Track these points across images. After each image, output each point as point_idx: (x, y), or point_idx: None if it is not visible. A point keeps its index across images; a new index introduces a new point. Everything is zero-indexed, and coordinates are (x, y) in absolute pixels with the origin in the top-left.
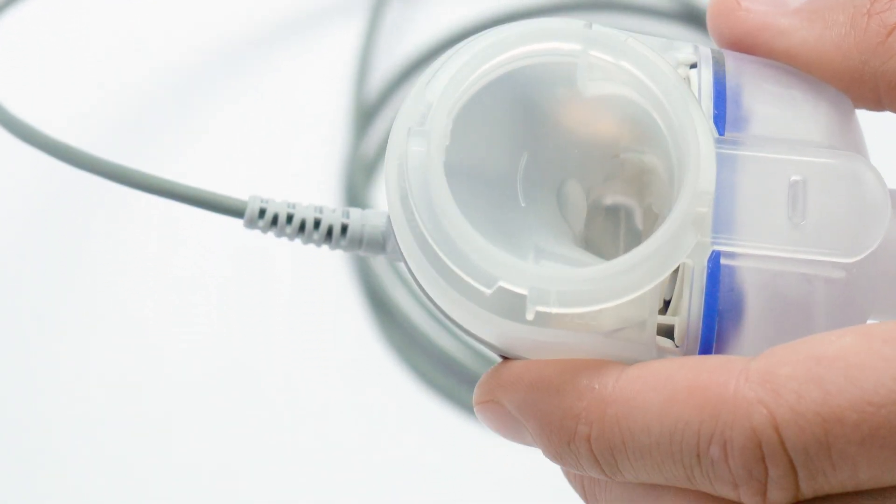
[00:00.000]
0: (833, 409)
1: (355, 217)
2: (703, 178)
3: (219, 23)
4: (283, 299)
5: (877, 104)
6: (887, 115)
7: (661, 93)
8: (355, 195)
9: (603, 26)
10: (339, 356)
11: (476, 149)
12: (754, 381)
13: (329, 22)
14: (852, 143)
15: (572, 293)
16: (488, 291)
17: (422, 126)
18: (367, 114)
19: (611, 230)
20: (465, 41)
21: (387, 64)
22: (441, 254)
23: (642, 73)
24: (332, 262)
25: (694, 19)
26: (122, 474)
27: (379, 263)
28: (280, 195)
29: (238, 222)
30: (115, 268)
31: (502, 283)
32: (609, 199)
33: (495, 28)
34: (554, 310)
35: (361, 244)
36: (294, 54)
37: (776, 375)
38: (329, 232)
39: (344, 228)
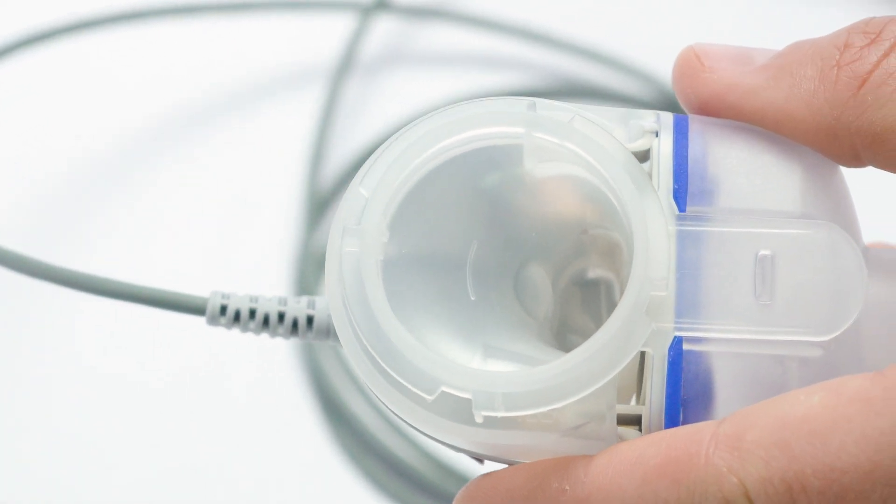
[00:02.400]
0: (798, 476)
1: (321, 307)
2: (655, 263)
3: (162, 109)
4: (232, 404)
5: (857, 161)
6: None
7: (607, 174)
8: (307, 289)
9: (551, 103)
10: (291, 461)
11: (424, 239)
12: (723, 449)
13: (281, 107)
14: (831, 208)
15: (520, 395)
16: (430, 398)
17: (357, 224)
18: (320, 203)
19: (591, 306)
20: (402, 130)
21: (342, 151)
22: (379, 358)
23: (587, 154)
24: (284, 365)
25: (675, 108)
26: None
27: (331, 366)
28: (229, 288)
29: (189, 321)
30: (49, 370)
31: (445, 388)
32: (590, 273)
33: (434, 113)
34: (501, 413)
35: (329, 334)
36: (244, 142)
37: (744, 441)
38: (294, 324)
39: (310, 320)
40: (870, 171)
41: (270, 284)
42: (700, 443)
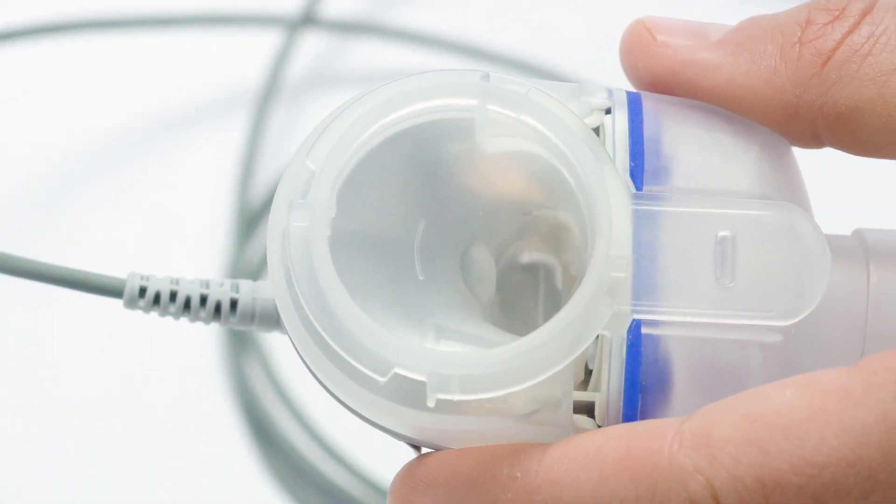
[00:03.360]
0: (773, 473)
1: (245, 290)
2: (617, 243)
3: (92, 124)
4: (153, 425)
5: (816, 141)
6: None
7: (566, 149)
8: None
9: (503, 76)
10: (217, 487)
11: (370, 217)
12: (688, 447)
13: (206, 128)
14: (788, 189)
15: (476, 377)
16: (382, 379)
17: (304, 198)
18: (250, 219)
19: (529, 291)
20: (350, 99)
21: (273, 165)
22: (329, 339)
23: (545, 128)
24: (209, 382)
25: None
26: None
27: (261, 385)
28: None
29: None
30: None
31: (398, 370)
32: (526, 257)
33: (383, 85)
34: (456, 396)
35: (254, 320)
36: (168, 166)
37: (711, 438)
38: (217, 308)
39: (234, 303)
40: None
41: None
42: (663, 439)
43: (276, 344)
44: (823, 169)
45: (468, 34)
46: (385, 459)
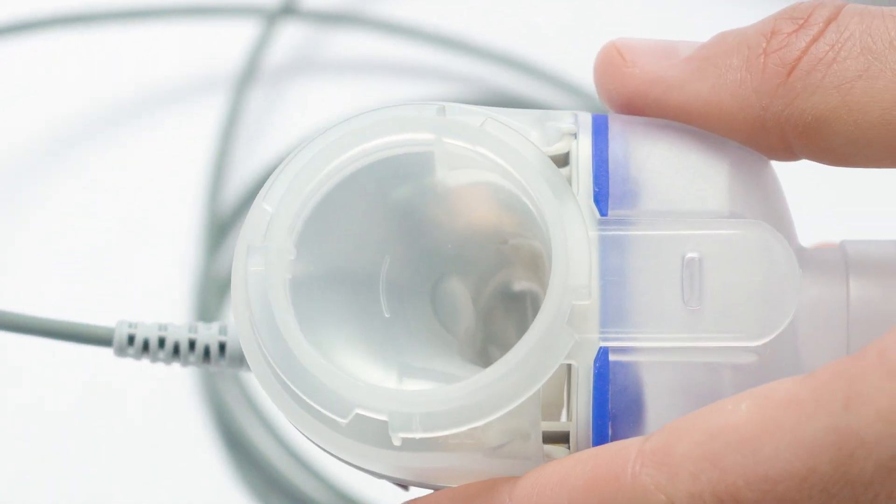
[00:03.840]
0: (729, 489)
1: (234, 333)
2: (574, 272)
3: (50, 124)
4: (126, 439)
5: (789, 153)
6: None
7: (523, 179)
8: (208, 315)
9: (460, 106)
10: (191, 501)
11: (334, 256)
12: (650, 465)
13: (179, 121)
14: (762, 206)
15: (437, 415)
16: (344, 421)
17: (262, 242)
18: (222, 224)
19: (517, 319)
20: (306, 138)
21: (245, 168)
22: (290, 383)
23: (501, 159)
24: (182, 395)
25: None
26: None
27: (234, 397)
28: (127, 315)
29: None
30: None
31: (359, 410)
32: (511, 286)
33: (339, 122)
34: (419, 434)
35: (244, 362)
36: (140, 159)
37: (672, 455)
38: (206, 352)
39: (222, 346)
40: (803, 166)
41: (170, 310)
42: (626, 460)
43: None
44: (813, 181)
45: (450, 25)
46: (359, 472)
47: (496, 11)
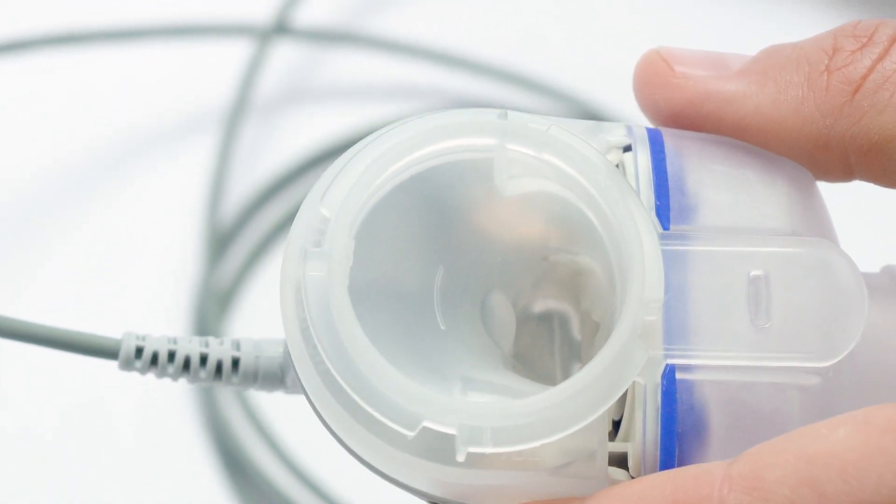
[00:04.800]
0: None
1: (247, 349)
2: (650, 285)
3: (48, 144)
4: (120, 458)
5: (846, 173)
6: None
7: (592, 187)
8: (207, 328)
9: (521, 113)
10: None
11: (385, 266)
12: (739, 490)
13: (174, 145)
14: (818, 225)
15: (508, 429)
16: (411, 434)
17: (319, 247)
18: (221, 240)
19: (544, 342)
20: (363, 141)
21: (242, 186)
22: (352, 393)
23: (568, 166)
24: (177, 410)
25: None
26: None
27: (233, 411)
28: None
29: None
30: None
31: (427, 423)
32: (540, 306)
33: (396, 125)
34: (489, 450)
35: (257, 379)
36: (136, 178)
37: (764, 481)
38: (218, 368)
39: (235, 362)
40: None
41: (169, 324)
42: (711, 484)
43: None
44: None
45: (447, 43)
46: (361, 489)
47: (494, 28)
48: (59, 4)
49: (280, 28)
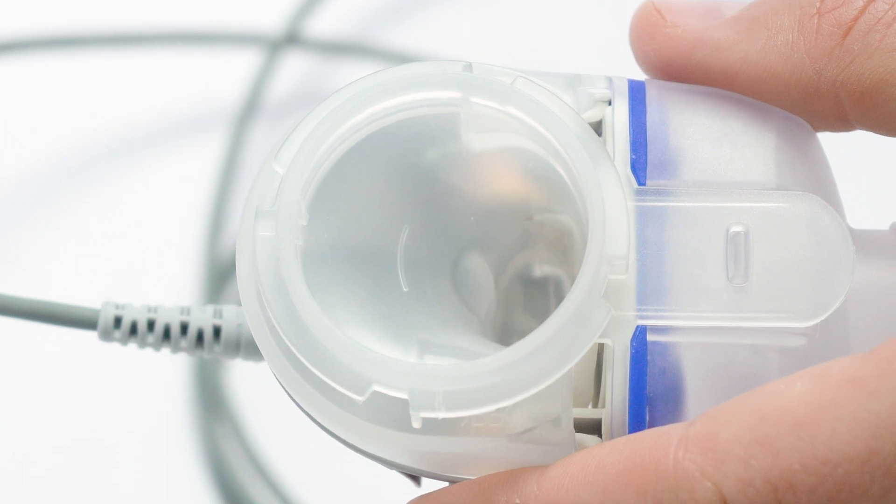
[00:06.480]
0: (784, 474)
1: (229, 316)
2: (612, 241)
3: (43, 155)
4: (117, 492)
5: (843, 122)
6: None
7: (557, 142)
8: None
9: (488, 65)
10: None
11: (348, 225)
12: (694, 451)
13: (179, 155)
14: (810, 179)
15: (462, 392)
16: (361, 398)
17: (271, 206)
18: (223, 269)
19: (538, 307)
20: (321, 100)
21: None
22: (301, 357)
23: (534, 120)
24: (177, 447)
25: None
26: None
27: (233, 452)
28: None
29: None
30: None
31: (377, 387)
32: (533, 269)
33: (356, 80)
34: (441, 414)
35: (239, 348)
36: (137, 195)
37: (718, 441)
38: (199, 336)
39: (217, 331)
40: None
41: None
42: (667, 446)
43: (249, 405)
44: (858, 159)
45: (455, 55)
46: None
47: (502, 40)
48: (82, 9)
49: (291, 38)
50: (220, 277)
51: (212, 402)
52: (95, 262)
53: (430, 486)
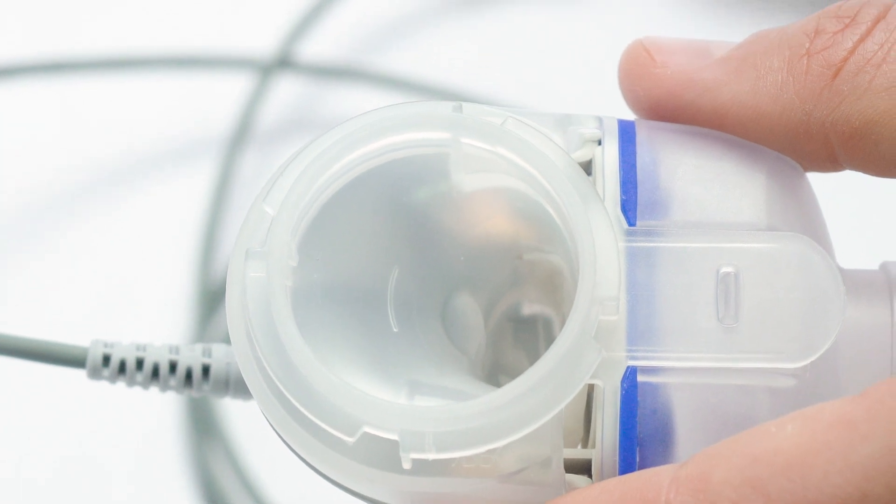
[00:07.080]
0: None
1: (219, 355)
2: (602, 282)
3: (42, 173)
4: None
5: (832, 162)
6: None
7: (547, 182)
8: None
9: (480, 106)
10: None
11: (338, 265)
12: (686, 492)
13: (169, 182)
14: (800, 220)
15: (452, 434)
16: (351, 440)
17: (262, 246)
18: (213, 297)
19: (527, 347)
20: (311, 140)
21: (240, 218)
22: (291, 397)
23: (524, 161)
24: (171, 477)
25: None
26: None
27: (227, 478)
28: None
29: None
30: None
31: (367, 429)
32: (522, 309)
33: (349, 120)
34: (432, 455)
35: (228, 387)
36: (125, 223)
37: (709, 482)
38: (188, 375)
39: (206, 370)
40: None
41: None
42: (659, 487)
43: (240, 426)
44: (848, 198)
45: (449, 80)
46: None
47: (496, 65)
48: (68, 33)
49: (283, 62)
50: (211, 302)
51: (203, 423)
52: (85, 287)
53: None
